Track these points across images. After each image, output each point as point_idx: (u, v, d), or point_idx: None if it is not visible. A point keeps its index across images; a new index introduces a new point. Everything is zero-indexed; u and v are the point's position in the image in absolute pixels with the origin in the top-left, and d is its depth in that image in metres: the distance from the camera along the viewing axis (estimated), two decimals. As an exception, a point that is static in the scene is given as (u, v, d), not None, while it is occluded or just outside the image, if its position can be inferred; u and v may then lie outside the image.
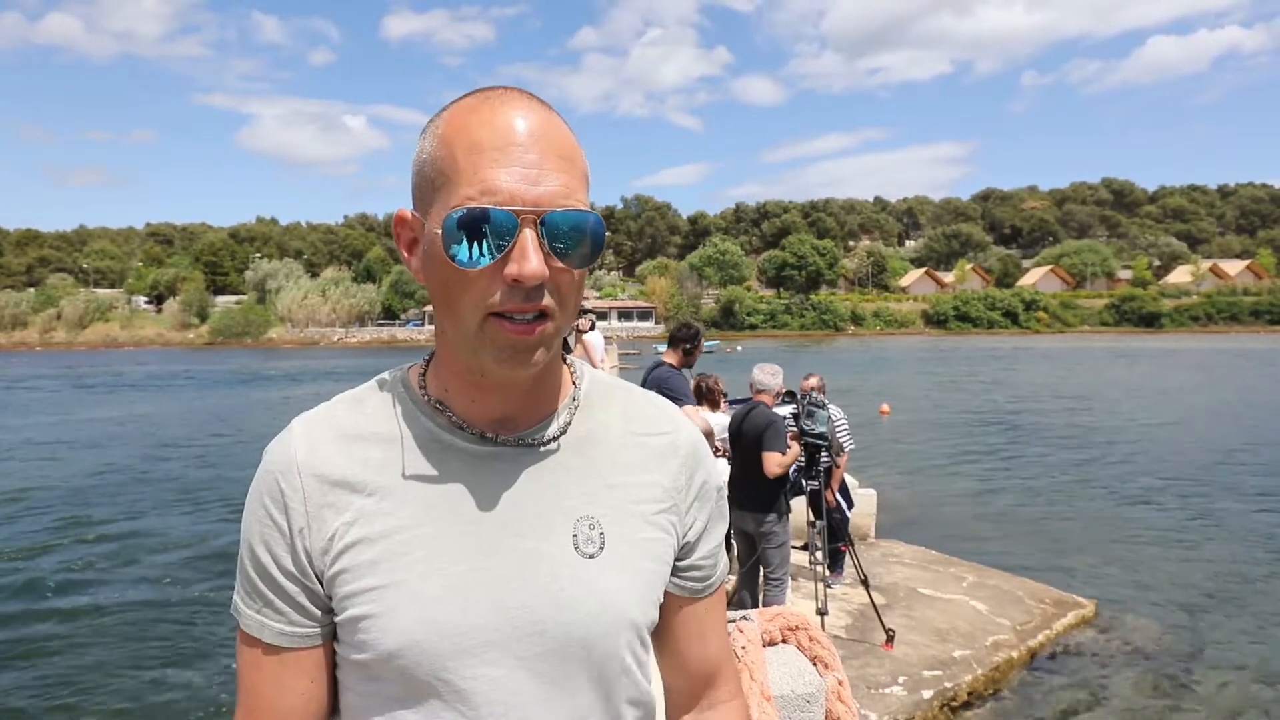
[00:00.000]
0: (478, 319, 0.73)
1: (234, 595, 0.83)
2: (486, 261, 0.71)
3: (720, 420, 6.10)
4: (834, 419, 6.52)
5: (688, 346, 5.71)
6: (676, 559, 0.90)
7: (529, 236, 0.71)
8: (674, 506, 0.88)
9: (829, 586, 5.97)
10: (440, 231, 0.73)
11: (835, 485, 6.48)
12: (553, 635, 0.77)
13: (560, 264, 0.73)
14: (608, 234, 0.76)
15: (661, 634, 0.93)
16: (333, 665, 0.83)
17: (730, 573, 5.62)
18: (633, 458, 0.87)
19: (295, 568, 0.78)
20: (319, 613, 0.80)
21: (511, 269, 0.71)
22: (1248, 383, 29.46)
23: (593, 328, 6.84)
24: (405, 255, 0.81)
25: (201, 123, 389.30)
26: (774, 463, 5.08)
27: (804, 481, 5.68)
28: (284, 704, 0.80)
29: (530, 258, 0.70)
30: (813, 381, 6.76)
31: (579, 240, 0.74)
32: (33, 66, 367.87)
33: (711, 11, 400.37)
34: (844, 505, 6.84)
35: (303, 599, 0.79)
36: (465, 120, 0.74)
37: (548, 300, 0.73)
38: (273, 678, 0.80)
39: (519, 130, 0.73)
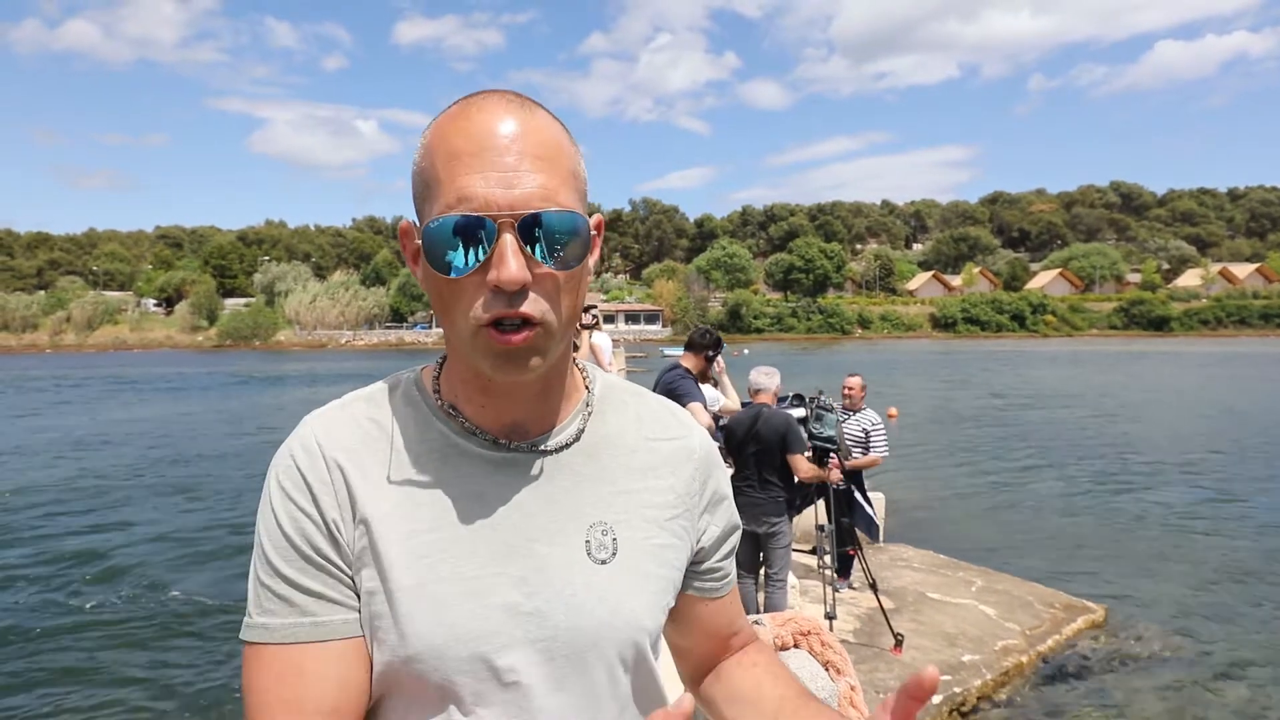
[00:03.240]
0: (470, 329, 0.73)
1: (251, 613, 0.77)
2: (469, 270, 0.71)
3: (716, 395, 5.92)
4: (874, 423, 6.58)
5: (710, 354, 5.45)
6: (692, 564, 0.91)
7: (508, 241, 0.70)
8: (687, 512, 0.88)
9: (837, 591, 5.96)
10: (421, 243, 0.73)
11: (865, 467, 6.56)
12: (565, 641, 0.78)
13: (545, 268, 0.72)
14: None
15: (686, 620, 0.95)
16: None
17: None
18: (646, 463, 0.87)
19: (335, 553, 0.76)
20: (356, 598, 0.78)
21: (492, 275, 0.70)
22: (1258, 387, 29.29)
23: (595, 322, 6.58)
24: (411, 266, 0.81)
25: (214, 127, 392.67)
26: (804, 467, 5.11)
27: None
28: (337, 698, 0.75)
29: (509, 263, 0.69)
30: (855, 381, 6.81)
31: (562, 241, 0.73)
32: (51, 73, 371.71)
33: (720, 17, 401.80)
34: (869, 510, 6.84)
35: (344, 580, 0.77)
36: (444, 129, 0.74)
37: (531, 306, 0.72)
38: (316, 675, 0.75)
39: (495, 134, 0.72)
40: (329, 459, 0.78)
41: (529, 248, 0.71)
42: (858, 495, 6.59)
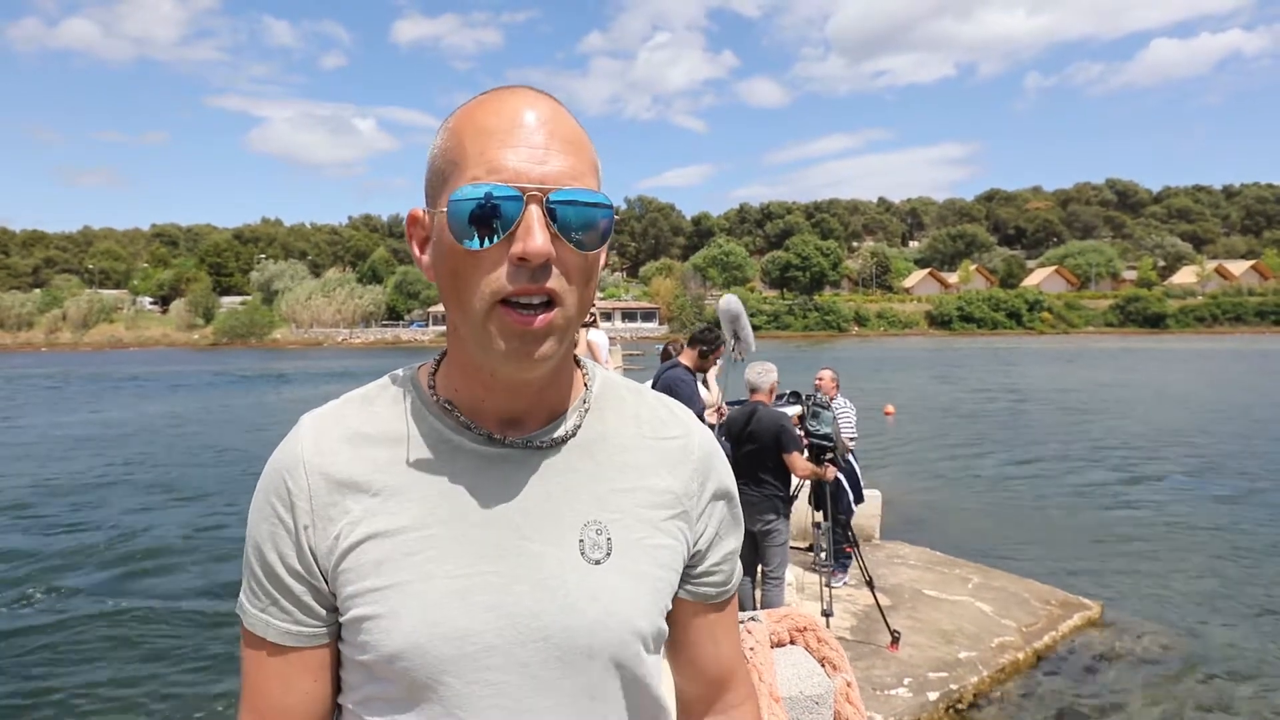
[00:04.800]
0: (485, 307, 0.72)
1: (240, 594, 0.83)
2: (491, 241, 0.71)
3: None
4: (840, 409, 6.61)
5: (704, 349, 5.61)
6: (688, 566, 0.88)
7: (534, 213, 0.70)
8: (685, 513, 0.87)
9: (833, 588, 5.97)
10: (446, 211, 0.72)
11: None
12: (557, 642, 0.76)
13: (567, 245, 0.72)
14: (612, 234, 0.77)
15: (675, 639, 0.92)
16: (337, 664, 0.83)
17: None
18: (644, 461, 0.86)
19: (301, 566, 0.78)
20: (324, 612, 0.80)
21: (517, 246, 0.70)
22: (1254, 384, 29.36)
23: (592, 319, 6.74)
24: (417, 254, 0.80)
25: (212, 125, 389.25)
26: (801, 465, 5.13)
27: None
28: (288, 702, 0.80)
29: (535, 234, 0.69)
30: (827, 375, 6.83)
31: (586, 221, 0.73)
32: (50, 70, 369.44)
33: (718, 16, 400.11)
34: (850, 498, 6.85)
35: (308, 598, 0.79)
36: (473, 112, 0.75)
37: (554, 283, 0.72)
38: (278, 676, 0.80)
39: (525, 115, 0.73)
40: (313, 467, 0.78)
41: (553, 225, 0.71)
42: (843, 480, 6.58)
